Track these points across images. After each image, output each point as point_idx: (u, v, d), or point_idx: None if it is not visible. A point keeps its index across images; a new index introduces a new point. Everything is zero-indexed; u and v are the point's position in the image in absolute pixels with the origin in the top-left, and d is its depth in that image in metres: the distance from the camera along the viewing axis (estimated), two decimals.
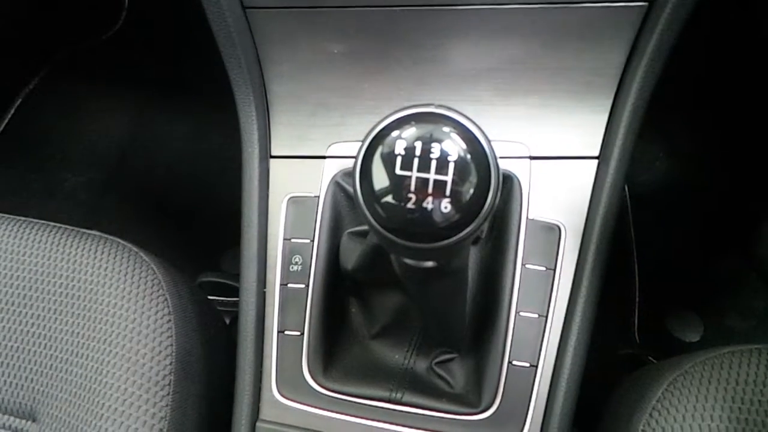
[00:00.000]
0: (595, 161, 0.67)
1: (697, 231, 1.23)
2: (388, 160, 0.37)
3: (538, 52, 0.65)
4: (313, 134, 0.71)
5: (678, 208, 1.25)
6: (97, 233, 0.71)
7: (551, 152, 0.68)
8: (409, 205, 0.37)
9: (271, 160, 0.72)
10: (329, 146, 0.70)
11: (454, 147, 0.37)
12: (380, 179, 0.37)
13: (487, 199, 0.37)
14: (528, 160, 0.67)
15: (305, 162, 0.71)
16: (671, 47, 0.64)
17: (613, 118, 0.67)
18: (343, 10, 0.64)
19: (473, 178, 0.37)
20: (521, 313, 0.63)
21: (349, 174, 0.63)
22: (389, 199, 0.37)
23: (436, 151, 0.36)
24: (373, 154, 0.38)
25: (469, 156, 0.37)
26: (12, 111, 1.35)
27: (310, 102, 0.70)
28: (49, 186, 1.32)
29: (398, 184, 0.37)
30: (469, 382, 0.65)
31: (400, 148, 0.37)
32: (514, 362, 0.63)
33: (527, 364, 0.63)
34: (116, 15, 1.46)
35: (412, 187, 0.36)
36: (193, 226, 1.33)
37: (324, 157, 0.70)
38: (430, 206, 0.36)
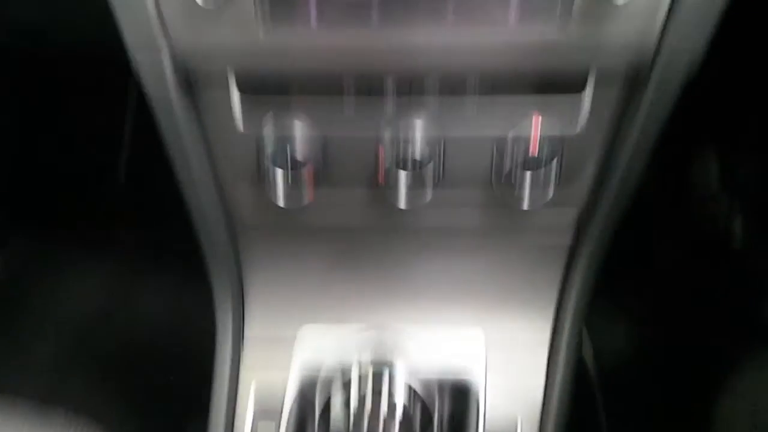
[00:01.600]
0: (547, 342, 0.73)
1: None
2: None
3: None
4: (286, 315, 0.75)
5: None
6: (62, 415, 0.70)
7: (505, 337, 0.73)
8: None
9: (244, 341, 0.75)
10: (301, 327, 0.74)
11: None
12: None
13: None
14: (484, 354, 0.72)
15: (277, 343, 0.75)
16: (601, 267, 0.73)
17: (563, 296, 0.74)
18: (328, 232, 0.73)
19: None
20: None
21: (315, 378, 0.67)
22: None
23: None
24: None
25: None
26: None
27: (284, 287, 0.76)
28: (15, 354, 1.30)
29: None
30: None
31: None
32: None
33: None
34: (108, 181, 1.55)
35: None
36: (162, 400, 1.30)
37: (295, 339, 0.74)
38: None
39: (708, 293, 1.21)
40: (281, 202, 0.65)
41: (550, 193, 0.65)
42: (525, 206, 0.65)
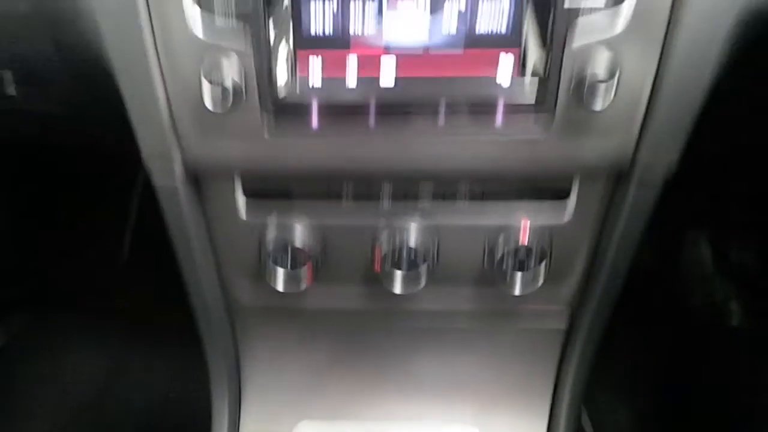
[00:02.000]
0: None
1: None
2: None
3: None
4: (283, 408, 0.76)
5: None
6: None
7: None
8: None
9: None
10: (298, 423, 0.75)
11: None
12: None
13: None
14: None
15: None
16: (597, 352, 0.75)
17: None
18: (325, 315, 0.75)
19: None
20: None
21: None
22: None
23: None
24: None
25: None
26: None
27: (281, 378, 0.77)
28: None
29: None
30: None
31: None
32: None
33: None
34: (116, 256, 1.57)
35: None
36: None
37: None
38: None
39: (707, 375, 1.20)
40: (280, 288, 0.68)
41: (541, 279, 0.67)
42: (516, 292, 0.67)
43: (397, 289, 0.67)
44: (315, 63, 0.57)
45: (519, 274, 0.66)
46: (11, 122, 0.83)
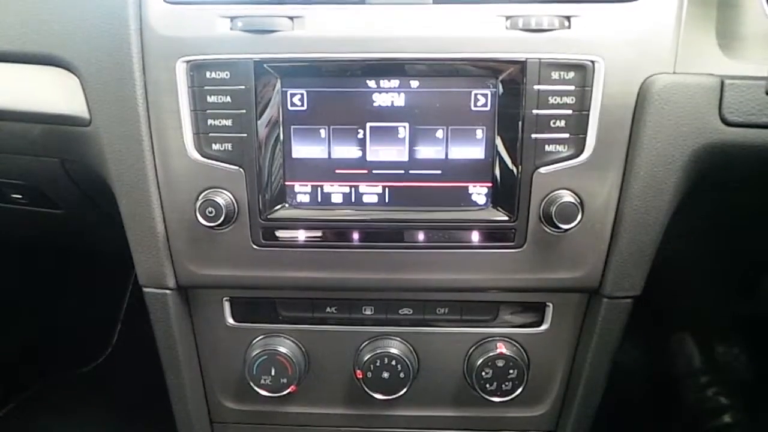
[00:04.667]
0: None
1: None
2: None
3: None
4: None
5: None
6: None
7: None
8: None
9: None
10: None
11: None
12: None
13: None
14: None
15: None
16: None
17: None
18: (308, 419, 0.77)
19: None
20: None
21: None
22: None
23: None
24: None
25: None
26: None
27: None
28: None
29: None
30: None
31: None
32: None
33: None
34: (101, 349, 1.56)
35: None
36: None
37: None
38: None
39: None
40: (264, 394, 0.70)
41: (519, 391, 0.69)
42: (496, 399, 0.69)
43: (379, 395, 0.69)
44: (302, 190, 0.63)
45: (497, 388, 0.69)
46: (13, 219, 0.87)
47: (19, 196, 0.75)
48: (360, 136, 0.60)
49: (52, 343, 1.44)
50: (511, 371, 0.68)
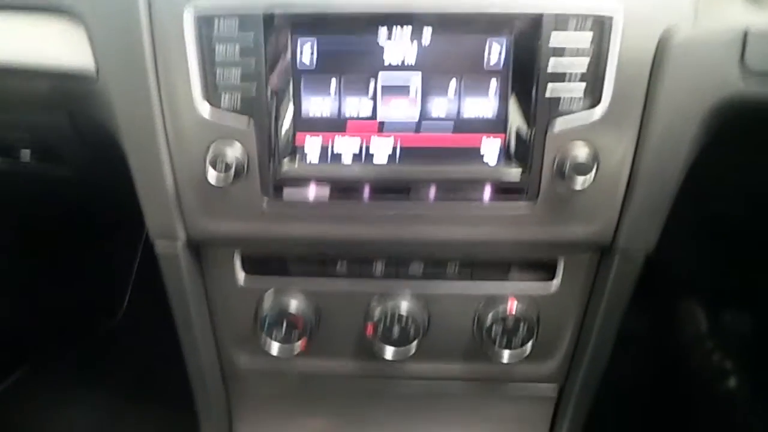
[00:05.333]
0: None
1: None
2: None
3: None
4: None
5: None
6: None
7: None
8: None
9: None
10: None
11: None
12: None
13: None
14: None
15: None
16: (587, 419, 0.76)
17: None
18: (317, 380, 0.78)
19: None
20: None
21: None
22: None
23: None
24: None
25: None
26: None
27: None
28: None
29: None
30: None
31: None
32: None
33: None
34: (111, 315, 1.58)
35: None
36: None
37: None
38: None
39: None
40: (274, 354, 0.70)
41: (529, 349, 0.69)
42: (505, 360, 0.69)
43: (388, 355, 0.69)
44: (313, 143, 0.61)
45: (507, 344, 0.68)
46: (23, 184, 0.87)
47: (28, 151, 0.74)
48: (371, 86, 0.59)
49: (63, 309, 1.45)
50: (521, 329, 0.68)
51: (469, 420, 0.82)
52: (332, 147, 0.61)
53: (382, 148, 0.61)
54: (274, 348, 0.69)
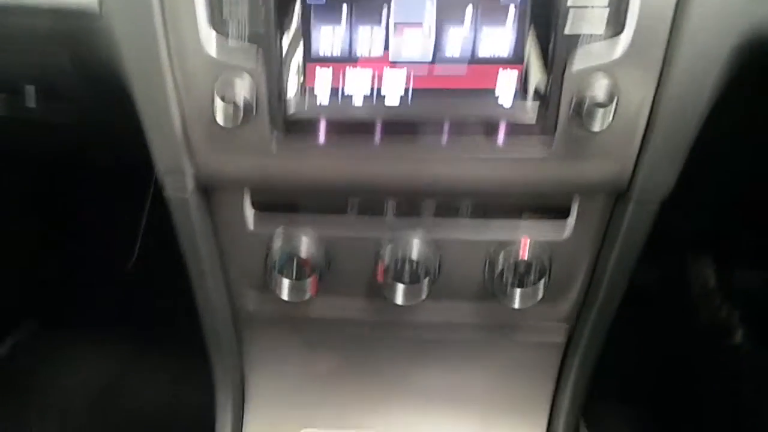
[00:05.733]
0: None
1: None
2: None
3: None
4: (286, 417, 0.77)
5: None
6: None
7: None
8: None
9: None
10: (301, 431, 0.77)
11: None
12: None
13: None
14: None
15: None
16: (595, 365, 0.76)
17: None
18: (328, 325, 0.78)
19: None
20: None
21: None
22: None
23: None
24: None
25: None
26: None
27: (284, 387, 0.79)
28: None
29: None
30: None
31: None
32: None
33: None
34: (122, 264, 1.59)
35: None
36: None
37: None
38: None
39: (706, 389, 1.21)
40: (285, 297, 0.69)
41: (540, 294, 0.69)
42: (516, 306, 0.69)
43: (399, 300, 0.69)
44: (323, 77, 0.59)
45: (518, 289, 0.68)
46: (29, 132, 0.86)
47: (33, 88, 0.73)
48: (384, 13, 0.57)
49: (73, 259, 1.46)
50: (530, 276, 0.68)
51: (478, 367, 0.82)
52: (343, 84, 0.59)
53: (394, 85, 0.59)
54: (285, 288, 0.68)
